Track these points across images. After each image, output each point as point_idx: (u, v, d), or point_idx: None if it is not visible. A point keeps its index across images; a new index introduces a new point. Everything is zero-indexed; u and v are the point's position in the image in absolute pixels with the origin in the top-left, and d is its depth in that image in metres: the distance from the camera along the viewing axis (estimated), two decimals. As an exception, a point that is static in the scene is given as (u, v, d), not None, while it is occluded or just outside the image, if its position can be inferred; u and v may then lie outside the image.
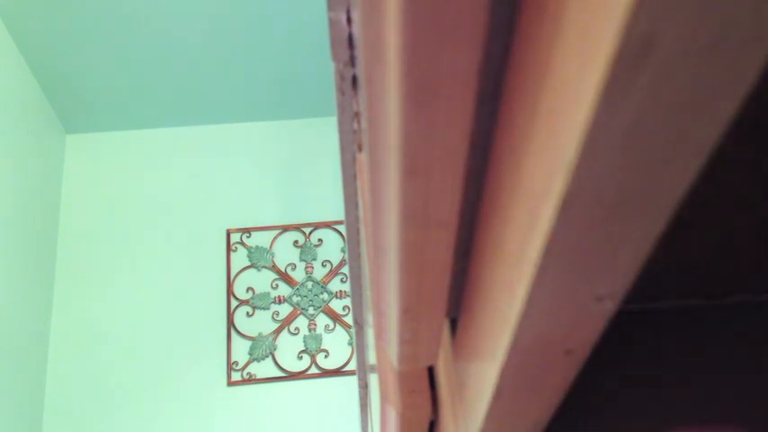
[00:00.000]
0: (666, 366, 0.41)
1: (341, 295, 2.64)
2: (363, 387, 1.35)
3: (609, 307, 0.22)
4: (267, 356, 2.52)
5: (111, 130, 2.81)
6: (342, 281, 2.67)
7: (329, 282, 2.66)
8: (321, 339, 2.57)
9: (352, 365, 2.54)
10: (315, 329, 2.58)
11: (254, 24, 2.48)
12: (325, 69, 2.67)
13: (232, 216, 2.72)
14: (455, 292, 0.31)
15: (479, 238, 0.27)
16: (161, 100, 2.72)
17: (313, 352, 2.55)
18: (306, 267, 2.66)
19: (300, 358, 2.53)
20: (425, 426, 0.47)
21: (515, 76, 0.20)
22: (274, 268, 2.65)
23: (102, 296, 2.56)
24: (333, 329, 2.59)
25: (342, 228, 2.74)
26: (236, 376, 2.49)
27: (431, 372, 0.45)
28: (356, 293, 1.11)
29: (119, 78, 2.60)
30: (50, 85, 2.57)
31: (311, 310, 2.61)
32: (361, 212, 0.82)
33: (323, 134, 2.82)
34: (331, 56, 0.60)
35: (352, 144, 0.75)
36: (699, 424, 0.37)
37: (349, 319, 2.60)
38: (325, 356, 2.55)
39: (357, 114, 0.69)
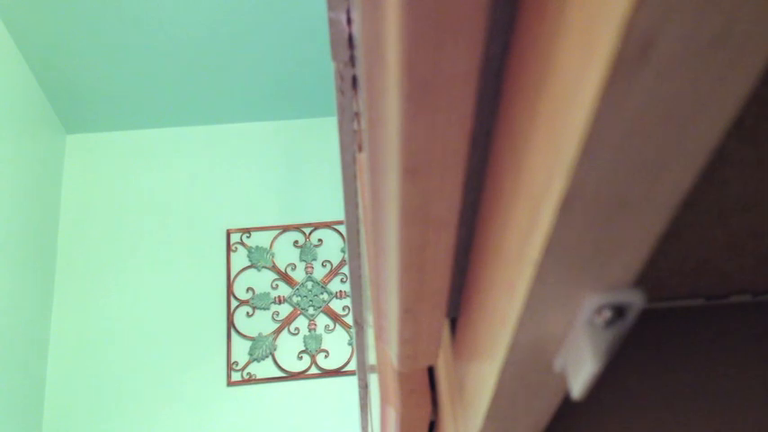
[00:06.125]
0: (666, 366, 0.41)
1: (341, 295, 2.64)
2: (363, 387, 1.35)
3: (609, 307, 0.22)
4: (267, 356, 2.52)
5: (111, 130, 2.81)
6: (342, 281, 2.67)
7: (329, 282, 2.66)
8: (321, 339, 2.57)
9: (352, 365, 2.54)
10: (315, 329, 2.58)
11: (254, 24, 2.48)
12: (325, 69, 2.67)
13: (232, 216, 2.72)
14: (455, 292, 0.31)
15: (479, 238, 0.27)
16: (161, 100, 2.72)
17: (313, 352, 2.55)
18: (306, 267, 2.66)
19: (300, 358, 2.53)
20: (425, 426, 0.47)
21: (515, 77, 0.20)
22: (274, 268, 2.65)
23: (102, 296, 2.56)
24: (333, 329, 2.59)
25: (342, 228, 2.74)
26: (236, 376, 2.49)
27: (431, 372, 0.45)
28: (356, 293, 1.11)
29: (119, 78, 2.60)
30: (50, 85, 2.57)
31: (311, 311, 2.61)
32: (361, 212, 0.82)
33: (323, 134, 2.82)
34: (331, 56, 0.60)
35: (352, 144, 0.75)
36: (699, 422, 0.37)
37: (349, 319, 2.60)
38: (325, 356, 2.55)
39: (357, 114, 0.69)
